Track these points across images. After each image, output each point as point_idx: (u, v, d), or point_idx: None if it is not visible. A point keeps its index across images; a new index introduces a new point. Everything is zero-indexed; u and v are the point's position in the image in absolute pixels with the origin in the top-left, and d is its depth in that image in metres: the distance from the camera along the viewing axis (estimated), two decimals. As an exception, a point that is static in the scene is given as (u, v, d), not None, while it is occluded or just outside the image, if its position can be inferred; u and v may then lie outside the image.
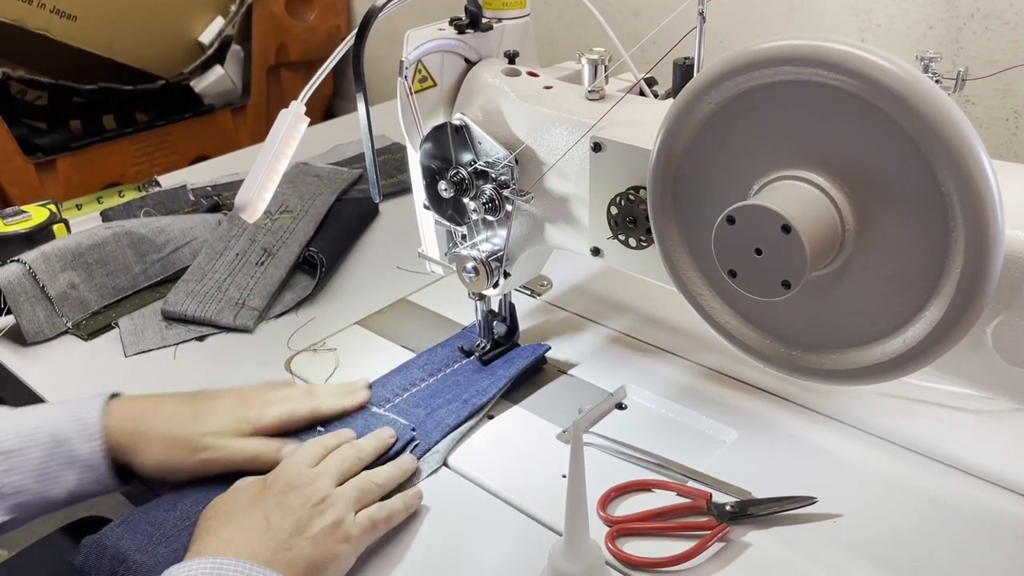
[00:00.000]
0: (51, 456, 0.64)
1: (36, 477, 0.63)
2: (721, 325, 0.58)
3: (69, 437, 0.64)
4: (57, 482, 0.64)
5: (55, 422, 0.65)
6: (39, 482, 0.63)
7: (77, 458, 0.64)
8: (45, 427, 0.64)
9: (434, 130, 0.70)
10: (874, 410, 0.73)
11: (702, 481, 0.66)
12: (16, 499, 0.63)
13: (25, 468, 0.63)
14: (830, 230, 0.48)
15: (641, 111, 0.66)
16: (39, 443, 0.64)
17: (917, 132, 0.43)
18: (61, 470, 0.64)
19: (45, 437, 0.64)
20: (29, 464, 0.63)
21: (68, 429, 0.64)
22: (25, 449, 0.63)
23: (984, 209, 0.42)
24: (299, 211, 1.06)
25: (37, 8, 1.53)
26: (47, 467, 0.64)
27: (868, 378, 0.51)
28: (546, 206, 0.70)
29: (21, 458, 0.63)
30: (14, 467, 0.63)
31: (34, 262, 0.88)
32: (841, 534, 0.62)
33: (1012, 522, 0.62)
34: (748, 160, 0.51)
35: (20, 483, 0.63)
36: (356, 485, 0.62)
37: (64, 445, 0.64)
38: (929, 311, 0.47)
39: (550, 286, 0.92)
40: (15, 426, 0.64)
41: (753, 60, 0.47)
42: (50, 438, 0.64)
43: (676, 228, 0.57)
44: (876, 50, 0.43)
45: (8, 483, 0.63)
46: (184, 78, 1.74)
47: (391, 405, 0.75)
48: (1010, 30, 1.04)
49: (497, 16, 0.72)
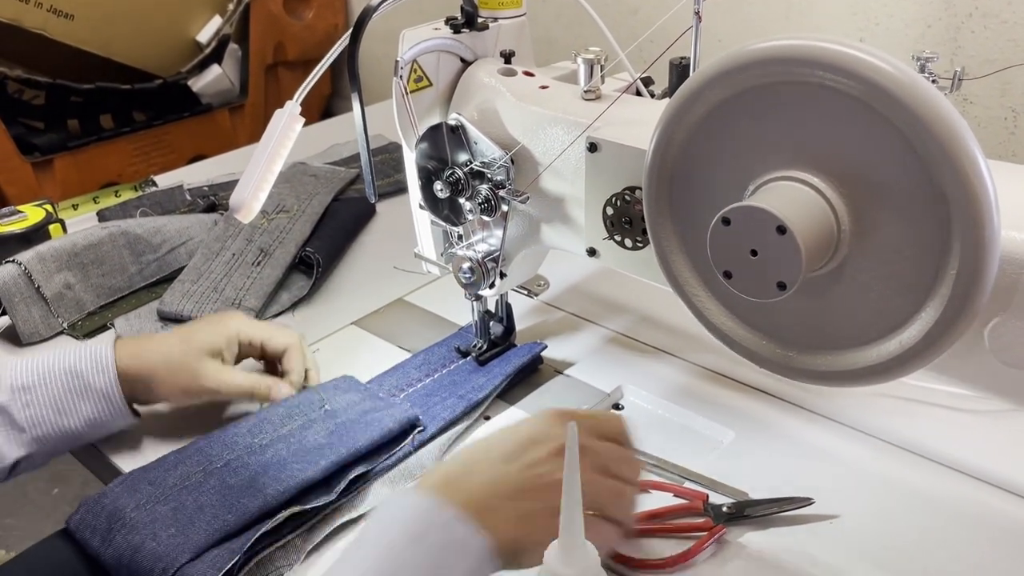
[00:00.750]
0: (67, 388, 0.67)
1: (53, 409, 0.67)
2: (716, 326, 0.57)
3: (84, 370, 0.68)
4: (73, 413, 0.67)
5: (69, 358, 0.68)
6: (56, 414, 0.67)
7: (92, 389, 0.68)
8: (60, 363, 0.68)
9: (430, 130, 0.70)
10: (871, 410, 0.73)
11: (699, 482, 0.66)
12: (35, 431, 0.67)
13: (42, 401, 0.67)
14: (826, 231, 0.48)
15: (637, 111, 0.66)
16: (55, 377, 0.67)
17: (913, 133, 0.43)
18: (77, 401, 0.67)
19: (60, 371, 0.68)
20: (46, 397, 0.67)
21: (82, 363, 0.68)
22: (42, 384, 0.67)
23: (980, 210, 0.42)
24: (296, 211, 1.05)
25: (34, 7, 1.53)
26: (63, 399, 0.67)
27: (864, 379, 0.51)
28: (542, 206, 0.70)
29: (38, 393, 0.67)
30: (31, 401, 0.67)
31: (29, 262, 0.88)
32: (838, 534, 0.62)
33: (1009, 522, 0.62)
34: (744, 161, 0.51)
35: (38, 416, 0.67)
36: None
37: (79, 378, 0.67)
38: (925, 312, 0.47)
39: (547, 286, 0.91)
40: (31, 364, 0.68)
41: (748, 60, 0.47)
42: (65, 372, 0.68)
43: (672, 229, 0.57)
44: (872, 50, 0.43)
45: (27, 416, 0.66)
46: (182, 77, 1.74)
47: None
48: (1008, 29, 1.04)
49: (493, 15, 0.72)
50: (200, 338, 0.72)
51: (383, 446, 0.68)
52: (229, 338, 0.73)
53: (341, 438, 0.67)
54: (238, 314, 0.78)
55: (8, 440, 0.66)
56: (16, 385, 0.67)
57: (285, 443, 0.67)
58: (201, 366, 0.71)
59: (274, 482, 0.63)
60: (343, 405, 0.72)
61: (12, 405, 0.66)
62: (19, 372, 0.67)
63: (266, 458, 0.66)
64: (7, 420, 0.66)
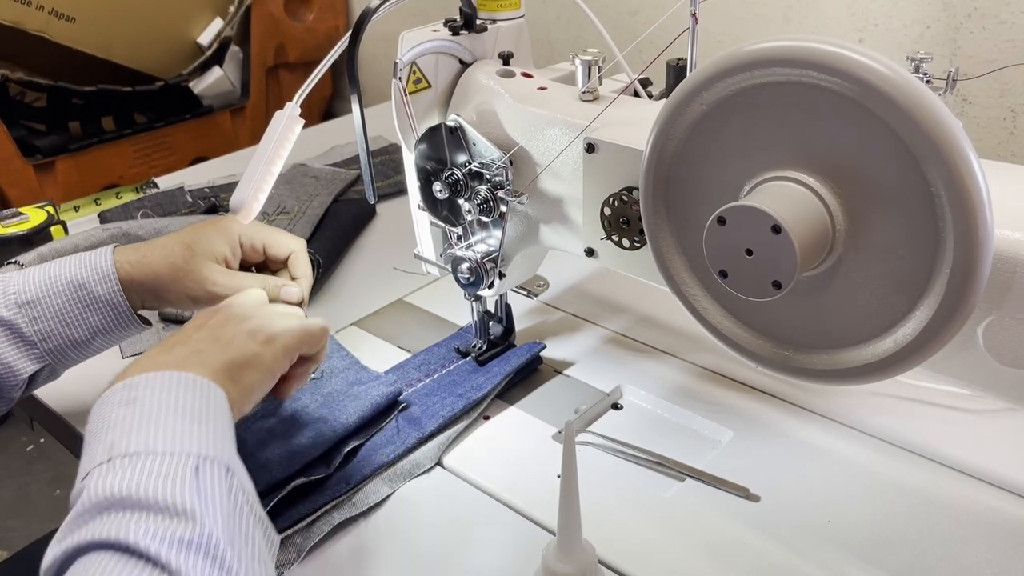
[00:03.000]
0: (72, 300, 0.67)
1: (60, 320, 0.67)
2: (713, 325, 0.58)
3: (87, 281, 0.67)
4: (80, 324, 0.67)
5: (71, 269, 0.68)
6: (64, 325, 0.67)
7: (97, 299, 0.67)
8: (62, 275, 0.67)
9: (429, 131, 0.70)
10: (868, 409, 0.73)
11: (700, 478, 0.67)
12: (45, 345, 0.66)
13: (49, 315, 0.66)
14: (820, 231, 0.48)
15: (635, 112, 0.66)
16: (59, 290, 0.67)
17: (906, 133, 0.43)
18: (83, 311, 0.67)
19: (64, 283, 0.67)
20: (52, 310, 0.67)
21: (84, 274, 0.67)
22: (47, 297, 0.67)
23: (973, 210, 0.42)
24: (296, 212, 1.06)
25: (36, 10, 1.54)
26: (69, 310, 0.67)
27: (860, 378, 0.51)
28: (540, 207, 0.70)
29: (44, 306, 0.66)
30: (38, 315, 0.66)
31: (31, 264, 0.88)
32: (835, 532, 0.62)
33: (1005, 520, 0.62)
34: (740, 161, 0.51)
35: (46, 329, 0.66)
36: (283, 311, 0.65)
37: (83, 289, 0.67)
38: (920, 311, 0.47)
39: (547, 286, 0.92)
40: (33, 278, 0.67)
41: (743, 62, 0.47)
42: (68, 283, 0.67)
43: (668, 229, 0.57)
44: (865, 51, 0.43)
45: (36, 330, 0.66)
46: (183, 79, 1.75)
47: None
48: (1007, 29, 1.04)
49: (492, 17, 0.72)
50: (203, 244, 0.70)
51: (371, 420, 0.72)
52: (232, 243, 0.72)
53: (332, 411, 0.71)
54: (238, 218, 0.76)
55: (20, 355, 0.66)
56: (21, 300, 0.66)
57: (277, 417, 0.70)
58: (207, 272, 0.69)
59: (277, 459, 0.65)
60: (328, 371, 0.76)
61: (20, 320, 0.66)
62: (23, 286, 0.67)
63: (263, 436, 0.68)
64: (17, 335, 0.66)
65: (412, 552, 0.63)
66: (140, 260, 0.69)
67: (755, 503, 0.65)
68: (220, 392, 0.53)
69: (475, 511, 0.66)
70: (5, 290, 0.66)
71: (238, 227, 0.73)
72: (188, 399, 0.51)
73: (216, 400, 0.52)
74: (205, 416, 0.50)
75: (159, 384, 0.51)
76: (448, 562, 0.61)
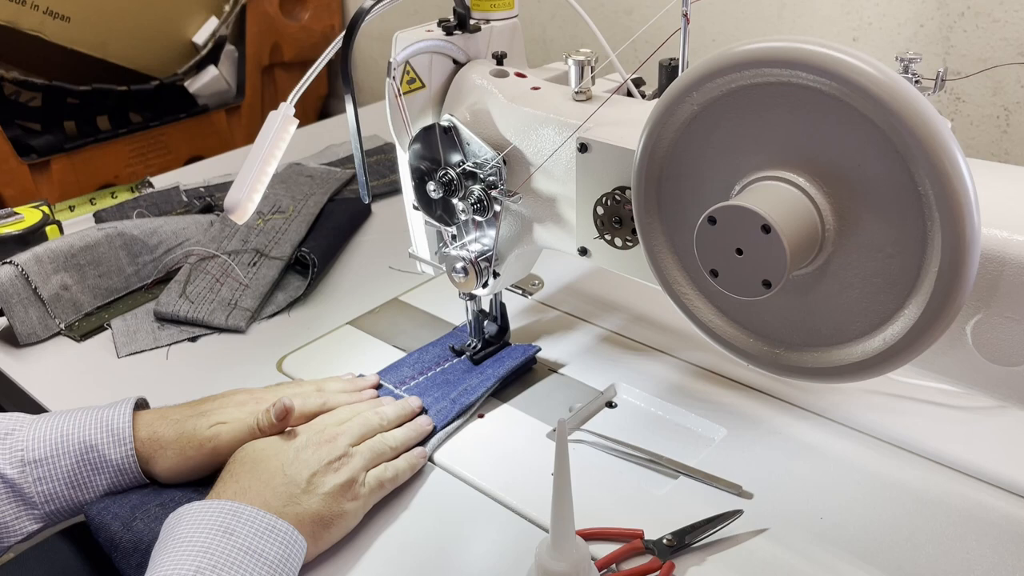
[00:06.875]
0: (82, 462, 0.64)
1: (68, 484, 0.64)
2: (705, 324, 0.58)
3: (99, 443, 0.64)
4: (88, 487, 0.64)
5: (83, 429, 0.65)
6: (71, 488, 0.64)
7: (108, 463, 0.64)
8: (74, 435, 0.65)
9: (422, 131, 0.70)
10: (860, 407, 0.74)
11: (694, 476, 0.67)
12: (48, 507, 0.64)
13: (56, 476, 0.64)
14: (810, 230, 0.48)
15: (627, 112, 0.66)
16: (69, 451, 0.64)
17: (893, 133, 0.43)
18: (92, 475, 0.64)
19: (75, 444, 0.64)
20: (60, 472, 0.64)
21: (97, 435, 0.65)
22: (55, 457, 0.64)
23: (960, 209, 0.42)
24: (291, 212, 1.06)
25: (30, 9, 1.53)
26: (78, 473, 0.64)
27: (850, 376, 0.52)
28: (534, 206, 0.71)
29: (52, 466, 0.64)
30: (45, 476, 0.63)
31: (26, 264, 0.89)
32: (828, 529, 0.62)
33: (997, 517, 0.63)
34: (730, 161, 0.52)
35: (52, 490, 0.64)
36: (371, 447, 0.66)
37: (94, 451, 0.64)
38: (908, 309, 0.48)
39: (541, 285, 0.92)
40: (44, 435, 0.65)
41: (733, 62, 0.47)
42: (80, 444, 0.64)
43: (660, 228, 0.58)
44: (853, 51, 0.43)
45: (40, 491, 0.63)
46: (178, 79, 1.74)
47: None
48: (1000, 27, 1.05)
49: (485, 17, 0.72)
50: (220, 415, 0.67)
51: None
52: (250, 414, 0.68)
53: None
54: (273, 390, 0.73)
55: (19, 516, 0.63)
56: (28, 459, 0.63)
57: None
58: (211, 432, 0.66)
59: None
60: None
61: (24, 480, 0.63)
62: (32, 444, 0.64)
63: None
64: (19, 496, 0.63)
65: (405, 549, 0.63)
66: (152, 423, 0.67)
67: (748, 500, 0.65)
68: (302, 546, 0.58)
69: (468, 508, 0.66)
70: (13, 446, 0.64)
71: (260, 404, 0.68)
72: (274, 549, 0.56)
73: (295, 555, 0.57)
74: (281, 571, 0.56)
75: (259, 526, 0.56)
76: (442, 559, 0.62)
